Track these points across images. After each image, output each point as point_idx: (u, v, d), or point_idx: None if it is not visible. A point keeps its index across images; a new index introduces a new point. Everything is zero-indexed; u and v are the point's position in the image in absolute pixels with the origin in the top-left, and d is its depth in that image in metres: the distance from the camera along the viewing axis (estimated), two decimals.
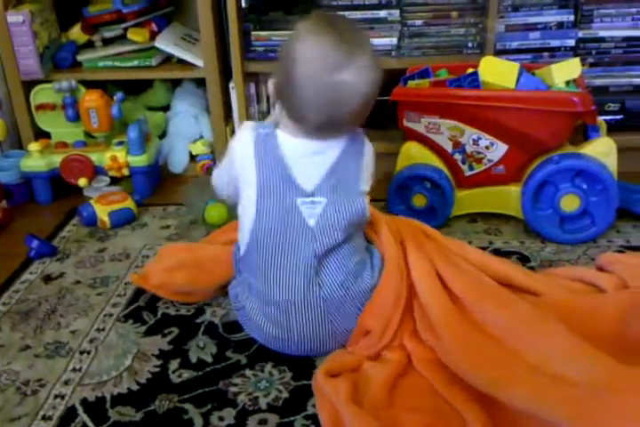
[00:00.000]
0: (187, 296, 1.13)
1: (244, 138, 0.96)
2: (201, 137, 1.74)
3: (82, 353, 1.02)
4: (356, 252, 0.98)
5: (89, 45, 1.73)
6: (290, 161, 0.93)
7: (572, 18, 1.58)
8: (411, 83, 1.39)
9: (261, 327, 0.99)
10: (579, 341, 0.83)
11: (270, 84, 0.95)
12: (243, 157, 0.95)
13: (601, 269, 1.12)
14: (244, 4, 1.66)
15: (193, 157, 1.72)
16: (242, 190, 0.97)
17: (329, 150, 0.94)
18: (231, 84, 1.64)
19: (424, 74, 1.43)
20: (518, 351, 0.85)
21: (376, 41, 1.61)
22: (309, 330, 0.96)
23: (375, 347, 0.96)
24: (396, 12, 1.61)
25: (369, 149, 0.98)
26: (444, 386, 0.87)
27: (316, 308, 0.95)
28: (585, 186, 1.26)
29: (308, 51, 0.87)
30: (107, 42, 1.74)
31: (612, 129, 1.46)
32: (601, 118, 1.36)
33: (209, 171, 1.66)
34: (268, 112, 1.71)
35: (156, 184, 1.63)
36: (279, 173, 0.93)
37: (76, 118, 1.58)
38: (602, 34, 1.60)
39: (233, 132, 1.69)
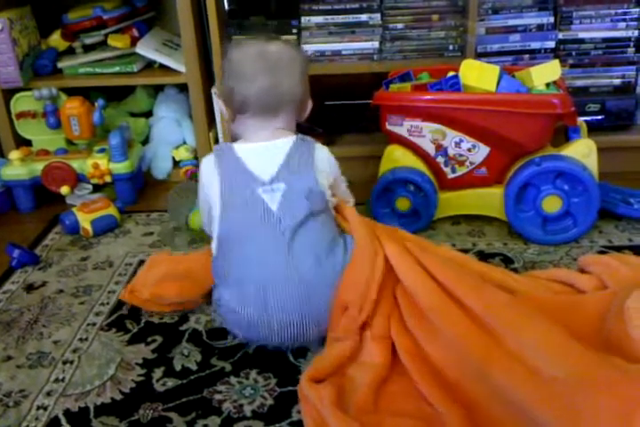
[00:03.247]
0: (176, 306, 1.12)
1: (206, 159, 1.07)
2: (184, 143, 1.74)
3: (65, 363, 1.02)
4: (326, 232, 1.02)
5: (69, 52, 1.72)
6: (246, 159, 1.02)
7: (551, 20, 1.60)
8: (392, 86, 1.40)
9: (241, 315, 0.98)
10: (557, 333, 0.83)
11: (219, 102, 1.11)
12: (208, 173, 1.04)
13: (582, 270, 1.13)
14: (227, 7, 1.67)
15: (176, 163, 1.72)
16: (212, 200, 1.03)
17: (280, 146, 1.04)
18: (213, 90, 1.64)
19: (405, 77, 1.44)
20: (498, 338, 0.85)
21: (358, 45, 1.63)
22: (289, 310, 0.97)
23: (356, 322, 0.95)
24: (377, 16, 1.62)
25: (321, 150, 1.06)
26: (429, 387, 0.87)
27: (293, 285, 0.97)
28: (566, 187, 1.27)
29: (238, 52, 1.07)
30: (87, 48, 1.73)
31: (593, 130, 1.47)
32: (581, 119, 1.37)
33: (192, 176, 1.66)
34: None
35: (139, 190, 1.63)
36: (239, 171, 1.02)
37: (57, 126, 1.57)
38: (581, 35, 1.61)
39: (216, 137, 1.69)
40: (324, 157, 1.06)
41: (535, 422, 0.75)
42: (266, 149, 1.03)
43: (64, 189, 1.53)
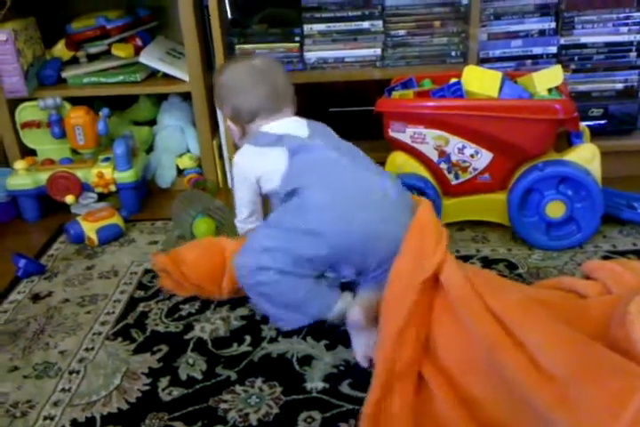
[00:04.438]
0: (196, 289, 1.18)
1: (246, 151, 1.15)
2: (188, 151, 1.75)
3: (71, 373, 1.02)
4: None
5: (73, 62, 1.73)
6: (285, 134, 1.13)
7: (553, 25, 1.60)
8: (395, 93, 1.40)
9: (317, 231, 0.99)
10: (562, 330, 0.82)
11: (229, 124, 1.21)
12: (254, 159, 1.13)
13: (587, 276, 1.13)
14: (229, 16, 1.68)
15: (180, 171, 1.72)
16: (271, 172, 1.10)
17: (296, 118, 1.18)
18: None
19: (408, 84, 1.44)
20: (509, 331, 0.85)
21: (360, 52, 1.63)
22: (375, 222, 1.01)
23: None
24: (379, 23, 1.62)
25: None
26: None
27: (385, 203, 1.04)
28: (570, 192, 1.27)
29: (229, 73, 1.19)
30: (91, 58, 1.74)
31: (596, 134, 1.47)
32: (584, 124, 1.37)
33: (196, 184, 1.67)
34: None
35: (143, 199, 1.63)
36: (290, 138, 1.12)
37: (61, 135, 1.58)
38: (583, 40, 1.61)
39: (220, 145, 1.69)
40: None
41: (536, 412, 0.76)
42: (288, 122, 1.16)
43: (69, 199, 1.54)
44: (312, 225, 1.00)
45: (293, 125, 1.15)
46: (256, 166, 1.13)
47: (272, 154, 1.11)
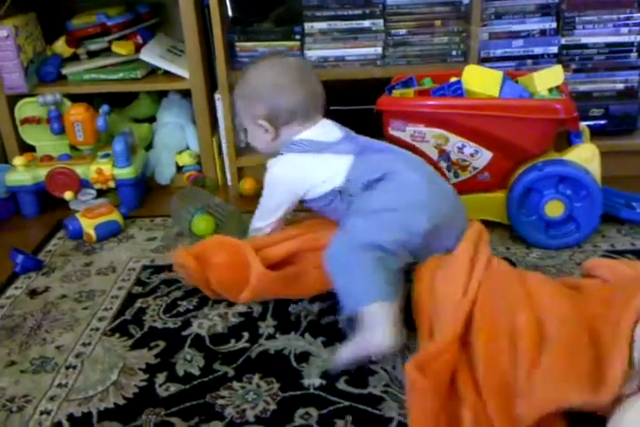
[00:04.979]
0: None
1: (291, 162, 1.17)
2: (187, 148, 1.75)
3: (68, 368, 1.02)
4: None
5: (74, 59, 1.73)
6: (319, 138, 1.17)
7: (554, 25, 1.60)
8: (395, 92, 1.40)
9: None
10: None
11: (261, 125, 1.17)
12: (309, 169, 1.15)
13: (588, 274, 1.13)
14: (230, 13, 1.68)
15: (180, 168, 1.72)
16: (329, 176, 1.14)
17: (328, 122, 1.21)
18: (217, 95, 1.65)
19: (408, 83, 1.44)
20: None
21: (361, 51, 1.63)
22: (450, 208, 1.11)
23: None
24: (380, 22, 1.62)
25: None
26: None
27: (452, 196, 1.15)
28: (569, 192, 1.27)
29: (264, 71, 1.18)
30: (92, 55, 1.74)
31: (597, 134, 1.47)
32: (584, 124, 1.37)
33: (195, 182, 1.67)
34: None
35: (142, 196, 1.63)
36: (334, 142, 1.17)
37: (61, 132, 1.57)
38: (584, 40, 1.61)
39: (219, 143, 1.69)
40: None
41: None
42: (326, 124, 1.19)
43: (68, 195, 1.53)
44: (421, 196, 1.07)
45: (330, 128, 1.18)
46: (312, 174, 1.14)
47: (331, 157, 1.13)
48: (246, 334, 1.07)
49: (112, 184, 1.54)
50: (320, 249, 1.07)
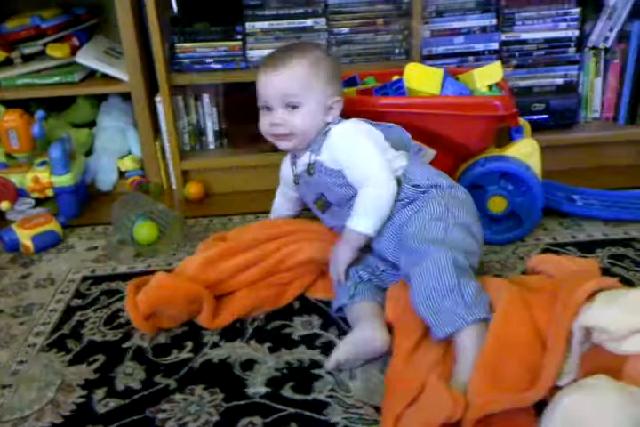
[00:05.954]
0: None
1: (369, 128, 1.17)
2: (129, 153, 1.70)
3: (4, 387, 0.97)
4: None
5: (7, 63, 1.67)
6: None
7: (494, 22, 1.62)
8: None
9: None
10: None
11: (339, 99, 1.17)
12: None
13: (533, 270, 1.13)
14: (174, 12, 1.64)
15: (122, 174, 1.68)
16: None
17: None
18: (158, 98, 1.61)
19: (351, 82, 1.42)
20: None
21: None
22: None
23: None
24: (323, 21, 1.61)
25: None
26: None
27: None
28: (510, 187, 1.27)
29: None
30: (26, 59, 1.68)
31: (539, 129, 1.49)
32: (525, 119, 1.38)
33: (139, 187, 1.62)
34: (198, 124, 1.68)
35: (83, 204, 1.58)
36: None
37: None
38: (524, 36, 1.63)
39: (162, 146, 1.65)
40: None
41: None
42: None
43: (4, 205, 1.48)
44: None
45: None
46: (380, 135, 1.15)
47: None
48: (190, 344, 1.05)
49: (50, 193, 1.49)
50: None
